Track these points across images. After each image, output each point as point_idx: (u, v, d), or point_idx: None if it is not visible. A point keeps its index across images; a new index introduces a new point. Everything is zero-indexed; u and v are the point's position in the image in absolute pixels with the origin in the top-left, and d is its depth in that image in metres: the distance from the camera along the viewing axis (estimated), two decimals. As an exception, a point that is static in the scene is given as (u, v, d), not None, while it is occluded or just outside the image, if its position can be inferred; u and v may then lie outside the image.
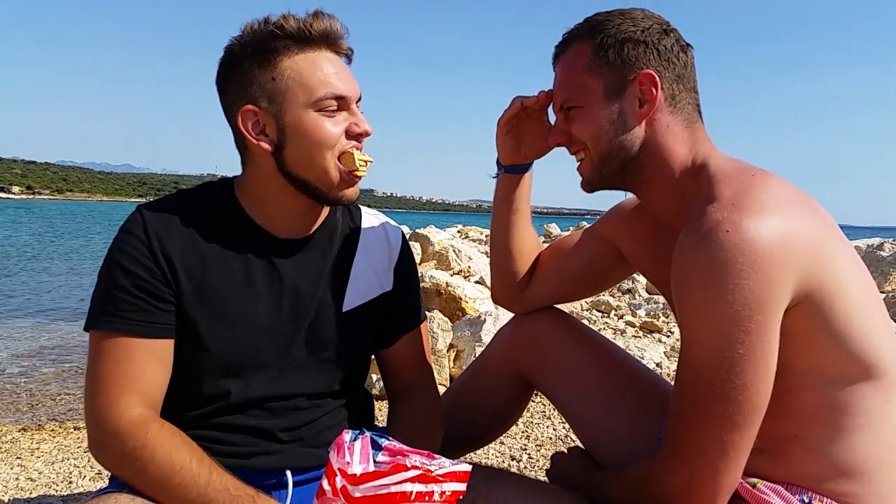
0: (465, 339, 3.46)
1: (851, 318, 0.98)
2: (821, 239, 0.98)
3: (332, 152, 1.10)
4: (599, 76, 1.12)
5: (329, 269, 1.21)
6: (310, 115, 1.09)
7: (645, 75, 1.10)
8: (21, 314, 6.89)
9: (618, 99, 1.12)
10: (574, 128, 1.16)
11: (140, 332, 1.04)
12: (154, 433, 0.99)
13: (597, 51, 1.12)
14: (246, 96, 1.10)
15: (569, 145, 1.21)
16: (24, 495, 2.15)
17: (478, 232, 14.07)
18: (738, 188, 1.00)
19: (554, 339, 1.46)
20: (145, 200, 1.23)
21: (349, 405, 1.25)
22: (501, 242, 1.50)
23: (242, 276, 1.13)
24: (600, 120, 1.12)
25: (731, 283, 0.92)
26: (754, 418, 0.95)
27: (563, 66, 1.18)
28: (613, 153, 1.14)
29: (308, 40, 1.09)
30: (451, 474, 0.92)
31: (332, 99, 1.09)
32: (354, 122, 1.12)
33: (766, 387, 0.95)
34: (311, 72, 1.08)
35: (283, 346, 1.14)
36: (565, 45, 1.18)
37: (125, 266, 1.05)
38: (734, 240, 0.92)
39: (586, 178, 1.21)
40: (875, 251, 6.53)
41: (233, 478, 0.99)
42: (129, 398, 1.01)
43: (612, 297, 5.71)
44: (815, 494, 1.02)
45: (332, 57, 1.12)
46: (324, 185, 1.12)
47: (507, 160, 1.43)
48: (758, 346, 0.93)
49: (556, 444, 2.56)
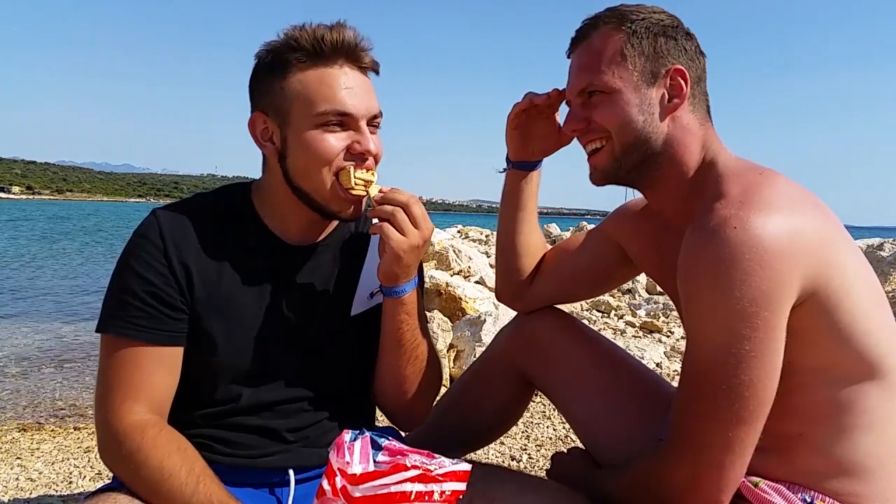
0: (465, 339, 3.46)
1: (857, 317, 0.98)
2: (827, 238, 0.98)
3: (329, 169, 1.09)
4: (631, 64, 1.09)
5: (338, 274, 1.22)
6: (310, 130, 1.08)
7: (677, 70, 1.10)
8: (21, 314, 6.88)
9: (648, 89, 1.10)
10: (598, 114, 1.12)
11: (149, 338, 1.05)
12: (149, 439, 1.00)
13: (630, 38, 1.09)
14: (260, 103, 1.12)
15: (586, 133, 1.16)
16: (24, 495, 2.15)
17: (478, 232, 14.06)
18: (745, 186, 1.01)
19: (555, 339, 1.46)
20: (145, 200, 1.23)
21: (355, 406, 1.26)
22: (507, 239, 1.50)
23: (256, 282, 1.14)
24: (630, 108, 1.10)
25: (739, 280, 0.92)
26: (759, 414, 0.96)
27: (588, 50, 1.13)
28: (638, 144, 1.11)
29: (321, 54, 1.08)
30: (451, 474, 0.92)
31: (334, 115, 1.08)
32: (357, 140, 1.10)
33: (772, 383, 0.95)
34: (317, 86, 1.08)
35: (294, 351, 1.16)
36: (589, 31, 1.14)
37: (139, 272, 1.06)
38: (742, 236, 0.92)
39: (602, 168, 1.16)
40: (875, 251, 6.53)
41: (219, 489, 0.99)
42: (133, 403, 1.03)
43: (612, 297, 5.71)
44: (818, 493, 1.02)
45: (349, 71, 1.10)
46: (321, 199, 1.12)
47: (515, 156, 1.43)
48: (764, 342, 0.93)
49: (556, 444, 2.56)
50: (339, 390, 1.21)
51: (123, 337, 1.05)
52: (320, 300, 1.19)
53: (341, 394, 1.22)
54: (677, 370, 3.51)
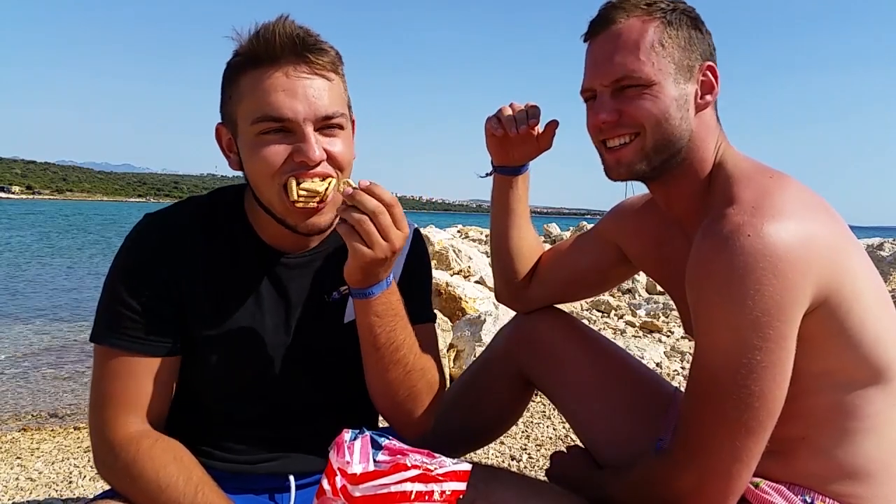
0: (464, 339, 3.46)
1: (865, 323, 0.97)
2: (838, 243, 0.97)
3: (273, 180, 1.01)
4: (669, 56, 1.05)
5: (331, 282, 1.18)
6: (251, 139, 1.01)
7: (709, 66, 1.08)
8: (21, 314, 6.88)
9: (686, 84, 1.07)
10: (633, 108, 1.06)
11: (142, 350, 1.03)
12: (145, 450, 0.99)
13: (667, 27, 1.05)
14: (221, 113, 1.08)
15: (615, 127, 1.08)
16: (24, 495, 2.15)
17: (478, 232, 14.06)
18: (757, 191, 0.99)
19: (555, 338, 1.46)
20: (145, 200, 1.22)
21: (355, 412, 1.25)
22: (500, 243, 1.49)
23: (249, 291, 1.12)
24: (669, 103, 1.05)
25: (752, 289, 0.90)
26: (768, 424, 0.95)
27: (620, 36, 1.06)
28: (672, 142, 1.07)
29: (261, 56, 0.99)
30: (451, 473, 0.92)
31: (268, 121, 0.98)
32: (298, 146, 1.00)
33: (782, 392, 0.94)
34: (251, 90, 0.99)
35: (290, 360, 1.14)
36: (617, 14, 1.07)
37: (129, 282, 1.04)
38: (755, 244, 0.90)
39: (628, 163, 1.10)
40: (875, 251, 6.53)
41: (218, 497, 0.98)
42: (128, 415, 1.01)
43: (612, 297, 5.70)
44: (818, 495, 1.02)
45: (292, 72, 0.99)
46: (277, 212, 1.05)
47: (498, 161, 1.42)
48: (776, 352, 0.92)
49: (556, 444, 2.56)
50: (337, 397, 1.20)
51: (116, 349, 1.03)
52: (314, 308, 1.16)
53: (340, 401, 1.21)
54: (677, 370, 3.51)
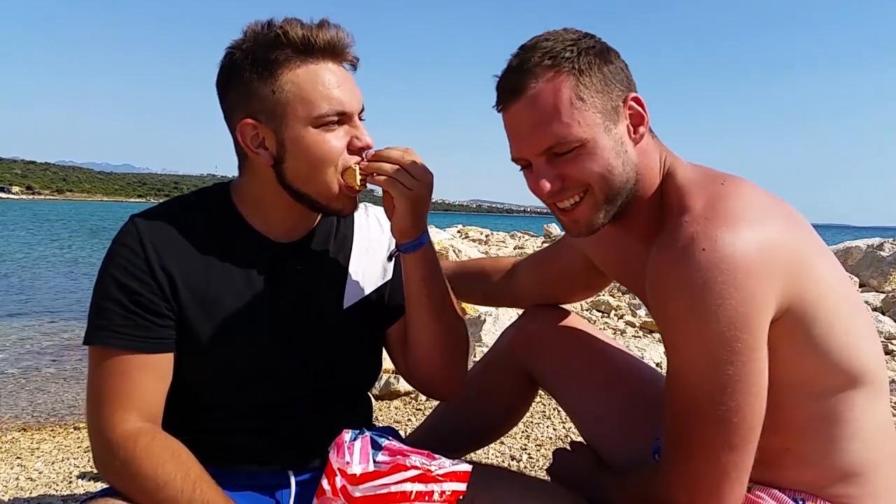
0: (465, 338, 3.46)
1: (835, 328, 0.95)
2: (800, 248, 0.95)
3: (335, 168, 1.08)
4: (592, 107, 0.99)
5: (327, 269, 1.20)
6: (310, 132, 1.06)
7: (634, 98, 1.03)
8: (21, 314, 6.88)
9: (615, 127, 1.02)
10: (573, 170, 1.01)
11: (135, 347, 1.03)
12: (142, 448, 0.99)
13: (579, 78, 0.99)
14: (245, 108, 1.07)
15: (560, 192, 1.04)
16: (24, 495, 2.15)
17: (478, 232, 14.07)
18: (709, 199, 0.97)
19: (558, 337, 1.47)
20: (145, 200, 1.22)
21: (354, 404, 1.25)
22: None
23: (243, 283, 1.12)
24: (607, 154, 1.00)
25: (714, 305, 0.88)
26: (751, 437, 0.93)
27: (535, 103, 1.00)
28: (622, 186, 1.03)
29: (311, 51, 1.05)
30: (451, 474, 0.92)
31: (333, 115, 1.06)
32: (356, 136, 1.09)
33: (761, 403, 0.93)
34: (313, 86, 1.05)
35: (289, 350, 1.14)
36: (524, 80, 1.00)
37: (119, 280, 1.04)
38: (711, 259, 0.88)
39: (588, 221, 1.06)
40: (875, 251, 6.52)
41: (217, 494, 0.98)
42: (125, 413, 1.01)
43: (612, 297, 5.70)
44: (810, 496, 1.01)
45: (335, 68, 1.08)
46: (323, 198, 1.10)
47: None
48: (748, 364, 0.90)
49: (556, 444, 2.56)
50: (336, 388, 1.20)
51: (110, 347, 1.03)
52: (312, 296, 1.17)
53: (339, 391, 1.21)
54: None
